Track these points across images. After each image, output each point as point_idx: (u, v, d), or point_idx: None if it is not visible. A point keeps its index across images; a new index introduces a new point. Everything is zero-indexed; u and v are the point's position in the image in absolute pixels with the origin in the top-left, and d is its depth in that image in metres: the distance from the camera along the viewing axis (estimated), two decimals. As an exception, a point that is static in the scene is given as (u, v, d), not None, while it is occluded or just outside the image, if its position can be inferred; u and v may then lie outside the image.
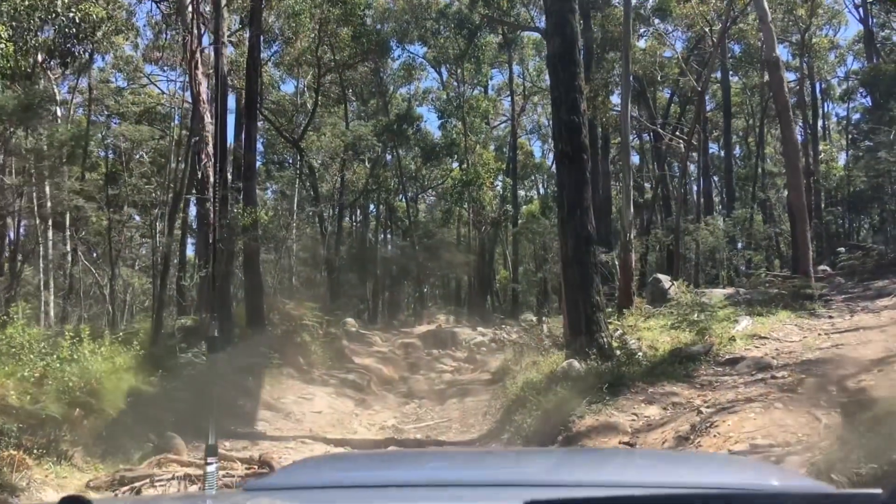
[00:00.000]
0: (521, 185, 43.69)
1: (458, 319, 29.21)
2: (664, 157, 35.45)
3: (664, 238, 31.09)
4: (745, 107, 41.68)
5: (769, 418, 6.37)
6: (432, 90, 39.37)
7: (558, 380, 9.44)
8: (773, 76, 16.36)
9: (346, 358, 17.37)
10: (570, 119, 10.61)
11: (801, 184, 16.13)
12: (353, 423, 11.05)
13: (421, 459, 2.62)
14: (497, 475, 1.97)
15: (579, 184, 10.59)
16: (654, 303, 18.13)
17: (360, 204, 36.96)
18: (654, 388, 8.22)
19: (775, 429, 6.03)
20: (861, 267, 21.90)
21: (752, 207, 34.00)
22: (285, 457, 7.73)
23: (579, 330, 10.31)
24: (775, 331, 11.90)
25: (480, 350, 22.08)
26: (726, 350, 9.95)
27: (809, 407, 6.56)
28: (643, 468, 2.15)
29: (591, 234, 10.60)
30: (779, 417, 6.34)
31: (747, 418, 6.48)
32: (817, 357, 8.93)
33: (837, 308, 14.92)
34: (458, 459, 2.56)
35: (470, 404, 12.85)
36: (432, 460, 2.49)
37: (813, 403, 6.70)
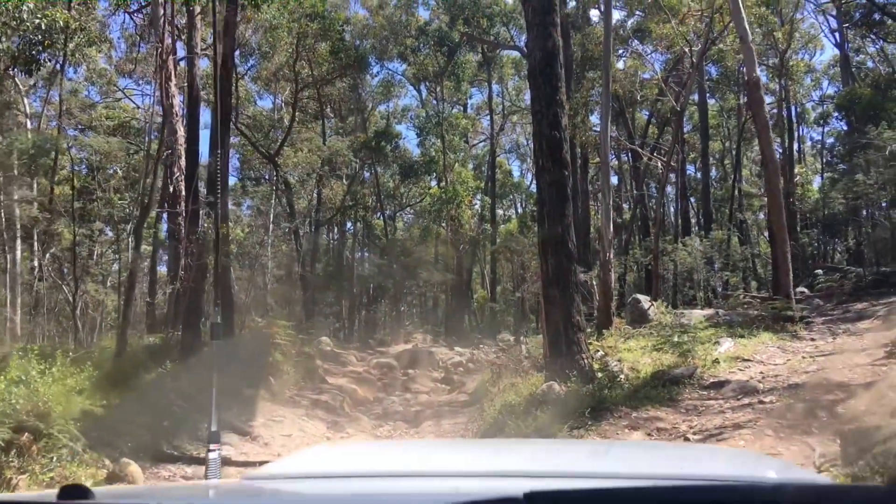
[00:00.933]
0: (499, 205, 43.56)
1: (436, 339, 28.78)
2: (642, 177, 35.50)
3: (642, 258, 31.02)
4: (722, 129, 42.03)
5: (760, 446, 6.07)
6: (411, 108, 39.27)
7: (538, 403, 9.08)
8: (753, 96, 16.28)
9: (319, 378, 16.88)
10: (551, 134, 10.34)
11: (782, 204, 16.01)
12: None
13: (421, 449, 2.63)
14: (498, 465, 1.97)
15: (560, 200, 10.30)
16: (633, 323, 17.91)
17: (338, 221, 36.58)
18: (637, 413, 7.89)
19: (767, 457, 5.72)
20: (839, 289, 21.87)
21: (729, 229, 34.03)
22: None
23: (559, 351, 9.97)
24: (758, 353, 11.67)
25: (458, 370, 21.68)
26: (710, 373, 9.67)
27: (801, 434, 6.27)
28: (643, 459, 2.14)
29: (572, 252, 10.30)
30: (770, 446, 6.04)
31: (737, 445, 6.17)
32: (804, 381, 8.67)
33: (818, 330, 14.76)
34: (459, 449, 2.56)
35: (446, 427, 12.43)
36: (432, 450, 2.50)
37: (804, 430, 6.41)
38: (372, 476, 1.86)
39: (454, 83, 32.62)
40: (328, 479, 1.83)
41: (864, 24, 34.36)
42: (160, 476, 7.57)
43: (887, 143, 23.18)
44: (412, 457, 2.21)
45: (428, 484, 1.69)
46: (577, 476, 1.71)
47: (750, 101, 17.49)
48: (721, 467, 1.97)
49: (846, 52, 35.19)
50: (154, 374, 10.42)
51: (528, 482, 1.40)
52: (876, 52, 37.72)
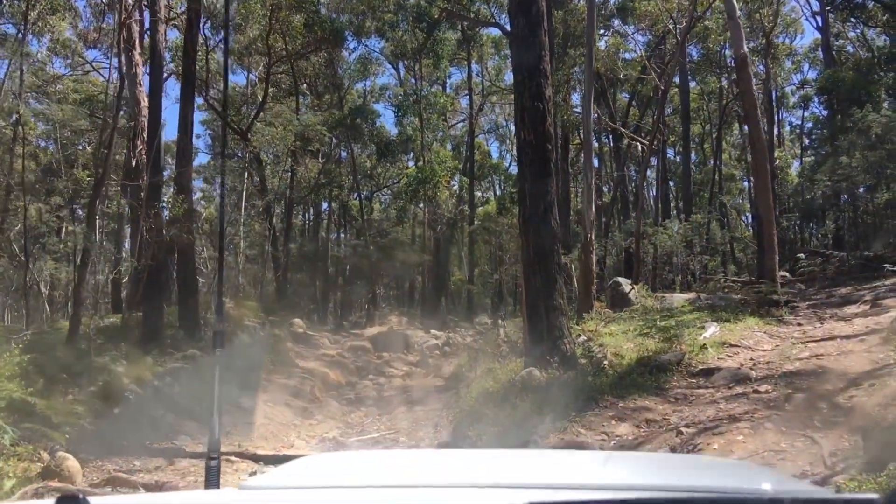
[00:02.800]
0: (478, 187, 42.89)
1: (411, 321, 28.17)
2: (623, 159, 35.05)
3: (622, 241, 30.59)
4: (702, 112, 41.69)
5: (761, 441, 5.55)
6: (389, 87, 38.37)
7: (517, 390, 8.53)
8: (741, 74, 15.73)
9: (289, 361, 16.24)
10: (533, 105, 9.72)
11: (769, 185, 15.55)
12: (290, 434, 9.97)
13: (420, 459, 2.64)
14: (496, 476, 1.95)
15: (543, 176, 9.71)
16: (614, 307, 17.44)
17: (312, 201, 35.73)
18: (624, 402, 7.35)
19: (770, 454, 5.20)
20: (822, 273, 21.58)
21: (709, 212, 33.70)
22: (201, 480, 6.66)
23: (540, 336, 9.42)
24: (745, 338, 11.20)
25: (433, 353, 21.13)
26: (699, 359, 9.16)
27: (803, 427, 5.76)
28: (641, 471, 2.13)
29: (554, 231, 9.73)
30: (772, 440, 5.52)
31: (735, 441, 5.65)
32: (798, 369, 8.18)
33: (804, 315, 14.36)
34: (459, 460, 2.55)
35: (420, 414, 11.87)
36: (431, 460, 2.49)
37: (805, 423, 5.90)
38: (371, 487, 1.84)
39: (433, 61, 31.79)
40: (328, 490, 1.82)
41: (846, 7, 34.01)
42: (104, 470, 6.93)
43: (871, 125, 22.88)
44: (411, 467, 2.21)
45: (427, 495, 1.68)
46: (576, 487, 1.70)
47: (738, 80, 16.97)
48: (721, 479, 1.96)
49: (828, 35, 34.87)
50: (107, 357, 9.72)
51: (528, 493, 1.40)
52: (856, 36, 37.52)
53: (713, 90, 40.27)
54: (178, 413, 9.38)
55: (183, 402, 9.74)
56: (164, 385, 9.94)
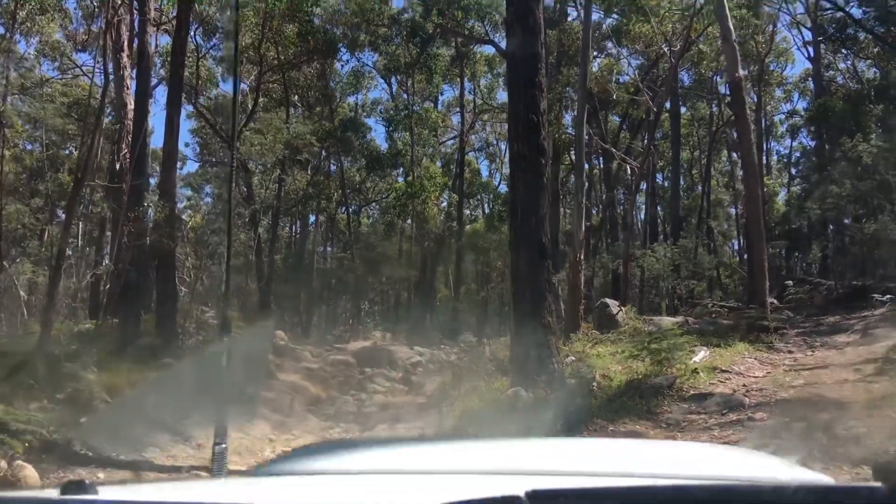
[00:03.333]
0: (466, 205, 42.71)
1: (396, 337, 27.79)
2: (613, 181, 34.99)
3: (610, 263, 30.46)
4: (692, 138, 41.83)
5: (759, 471, 5.29)
6: (381, 101, 38.16)
7: (503, 410, 8.23)
8: (735, 97, 15.67)
9: (269, 374, 15.84)
10: (528, 116, 9.51)
11: (760, 211, 15.42)
12: (265, 450, 9.58)
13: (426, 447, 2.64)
14: (500, 464, 1.95)
15: (535, 189, 9.47)
16: (601, 328, 17.22)
17: (300, 213, 35.40)
18: (614, 426, 7.08)
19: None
20: (809, 301, 21.50)
21: (697, 237, 33.65)
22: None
23: (528, 354, 9.14)
24: (736, 363, 11.00)
25: (417, 370, 20.76)
26: (690, 384, 8.91)
27: (804, 460, 5.48)
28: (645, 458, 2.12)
29: (545, 247, 9.48)
30: (771, 471, 5.26)
31: (732, 470, 5.39)
32: (793, 397, 7.95)
33: (794, 342, 14.20)
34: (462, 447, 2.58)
35: (401, 431, 11.50)
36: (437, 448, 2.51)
37: (807, 454, 5.63)
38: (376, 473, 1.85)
39: (426, 76, 31.65)
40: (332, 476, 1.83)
41: (837, 38, 34.25)
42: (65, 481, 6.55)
43: (862, 155, 22.91)
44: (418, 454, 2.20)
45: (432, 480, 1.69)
46: (578, 474, 1.70)
47: (732, 103, 16.88)
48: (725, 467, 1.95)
49: (819, 65, 35.11)
50: (78, 364, 9.34)
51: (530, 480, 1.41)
52: (847, 68, 37.84)
53: (703, 116, 40.49)
54: (149, 424, 9.00)
55: (155, 412, 9.36)
56: (136, 394, 9.57)
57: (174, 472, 7.27)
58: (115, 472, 7.05)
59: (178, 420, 9.77)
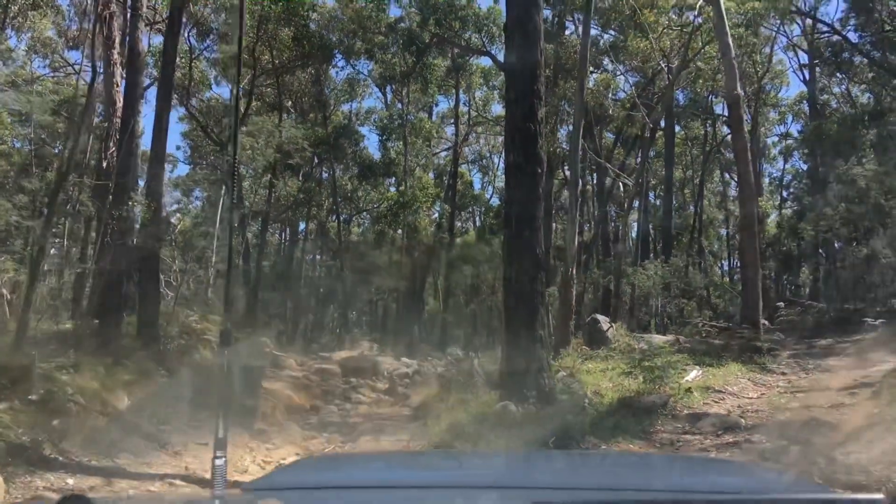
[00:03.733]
0: (458, 217, 42.53)
1: (383, 348, 27.47)
2: (606, 197, 34.89)
3: (601, 279, 30.28)
4: (685, 157, 41.83)
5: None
6: (375, 111, 37.94)
7: (491, 425, 7.97)
8: (733, 113, 15.55)
9: (252, 381, 15.51)
10: (525, 126, 9.29)
11: (756, 230, 15.25)
12: (244, 459, 9.23)
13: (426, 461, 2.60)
14: (503, 477, 1.95)
15: (531, 200, 9.25)
16: (591, 344, 17.02)
17: (289, 220, 35.10)
18: (606, 446, 6.82)
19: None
20: (801, 323, 21.33)
21: (688, 255, 33.57)
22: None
23: (518, 368, 8.88)
24: (729, 384, 10.79)
25: (403, 382, 20.45)
26: (684, 403, 8.68)
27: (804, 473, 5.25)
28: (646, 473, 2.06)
29: (539, 259, 9.24)
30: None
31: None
32: (790, 420, 7.73)
33: (787, 364, 14.02)
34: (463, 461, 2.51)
35: (385, 444, 11.19)
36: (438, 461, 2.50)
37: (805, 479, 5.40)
38: (376, 487, 1.82)
39: (421, 85, 31.46)
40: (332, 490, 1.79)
41: (833, 62, 34.37)
42: (32, 487, 6.24)
43: (856, 178, 22.85)
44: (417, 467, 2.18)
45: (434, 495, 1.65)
46: (582, 489, 1.67)
47: (730, 119, 16.75)
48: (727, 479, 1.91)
49: (814, 88, 35.24)
50: (53, 365, 9.01)
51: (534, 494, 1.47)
52: (841, 92, 37.98)
53: (696, 136, 40.53)
54: (125, 429, 8.67)
55: (131, 417, 9.05)
56: (112, 398, 9.25)
57: (147, 480, 6.96)
58: (86, 478, 6.74)
59: (156, 426, 9.46)
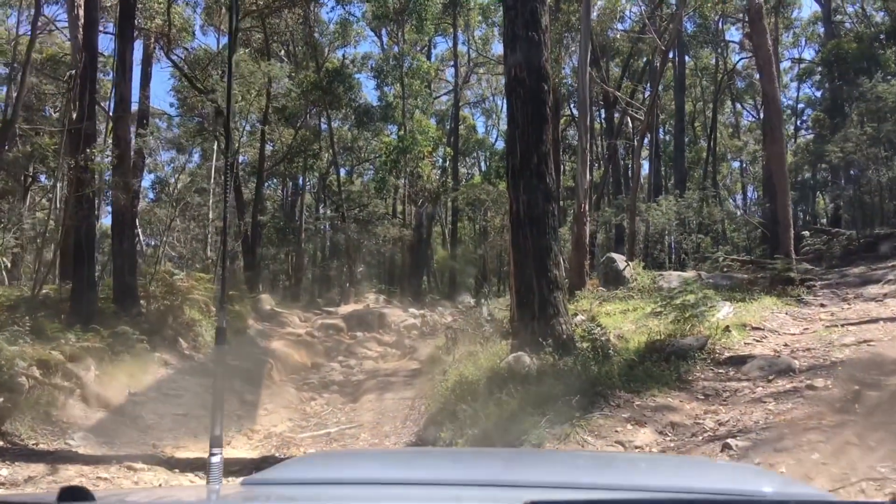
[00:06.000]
0: (462, 163, 41.20)
1: (389, 299, 26.48)
2: (616, 133, 33.45)
3: (613, 217, 29.07)
4: (694, 89, 40.22)
5: (847, 462, 3.93)
6: (372, 55, 36.25)
7: (503, 379, 6.90)
8: (756, 26, 14.11)
9: (247, 340, 14.58)
10: (527, 35, 8.02)
11: (784, 151, 13.97)
12: (230, 429, 8.21)
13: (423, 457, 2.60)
14: (498, 475, 1.93)
15: (537, 121, 8.02)
16: (607, 285, 15.97)
17: (288, 173, 33.86)
18: (640, 400, 5.72)
19: (869, 484, 3.57)
20: (828, 252, 20.12)
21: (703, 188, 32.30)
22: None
23: (531, 313, 7.79)
24: (766, 320, 9.66)
25: (411, 333, 19.54)
26: (723, 345, 7.55)
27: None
28: (642, 472, 2.06)
29: (549, 188, 8.05)
30: (863, 462, 3.91)
31: (811, 461, 4.03)
32: (849, 357, 6.60)
33: (824, 295, 12.86)
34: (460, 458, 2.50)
35: (389, 403, 10.23)
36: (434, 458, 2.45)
37: None
38: (372, 483, 1.81)
39: (417, 23, 29.77)
40: (329, 486, 1.77)
41: (848, -24, 32.57)
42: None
43: (882, 95, 21.41)
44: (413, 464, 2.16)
45: (429, 492, 1.65)
46: (578, 487, 1.68)
47: (752, 32, 15.29)
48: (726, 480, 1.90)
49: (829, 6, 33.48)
50: (6, 334, 7.95)
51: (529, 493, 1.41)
52: (855, 12, 36.28)
53: (706, 66, 38.86)
54: (86, 403, 7.68)
55: (95, 389, 8.04)
56: (76, 368, 8.22)
57: (101, 465, 5.93)
58: (27, 465, 5.71)
59: (127, 398, 8.45)
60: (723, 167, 42.93)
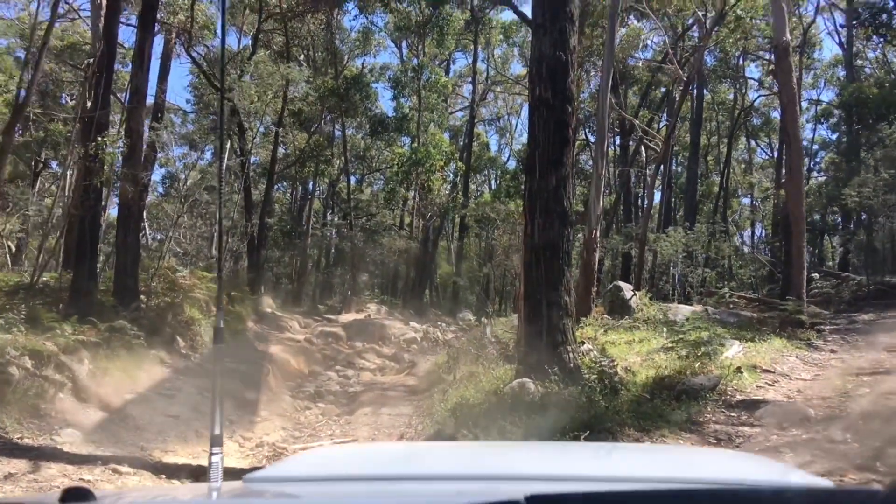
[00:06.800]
0: (473, 180, 41.09)
1: (391, 311, 26.29)
2: (630, 162, 33.31)
3: (622, 245, 28.86)
4: (710, 123, 40.18)
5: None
6: (391, 66, 36.25)
7: (505, 405, 6.69)
8: (782, 64, 13.94)
9: (245, 343, 14.37)
10: (554, 55, 7.86)
11: (802, 189, 13.77)
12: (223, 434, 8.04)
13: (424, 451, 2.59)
14: (498, 468, 1.95)
15: (559, 142, 7.85)
16: (612, 313, 15.72)
17: (299, 177, 33.76)
18: (650, 440, 5.50)
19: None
20: (837, 296, 19.88)
21: (713, 223, 32.14)
22: None
23: (538, 338, 7.58)
24: (777, 362, 9.43)
25: (411, 347, 19.32)
26: (734, 387, 7.33)
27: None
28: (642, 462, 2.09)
29: (567, 212, 7.86)
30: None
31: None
32: (868, 410, 6.37)
33: (834, 341, 12.61)
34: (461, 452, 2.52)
35: (385, 419, 9.99)
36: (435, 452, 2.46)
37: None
38: (374, 479, 1.81)
39: (437, 37, 29.75)
40: (331, 482, 1.78)
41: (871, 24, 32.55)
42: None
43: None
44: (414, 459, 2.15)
45: (430, 487, 1.66)
46: (578, 479, 1.68)
47: (777, 70, 15.14)
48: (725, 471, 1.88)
49: (851, 51, 33.44)
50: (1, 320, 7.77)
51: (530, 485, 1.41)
52: (876, 58, 36.30)
53: (723, 100, 38.85)
54: (77, 398, 7.47)
55: (87, 384, 7.83)
56: (69, 361, 8.02)
57: (85, 465, 5.72)
58: (9, 460, 5.50)
59: (119, 395, 8.24)
60: (733, 203, 42.82)
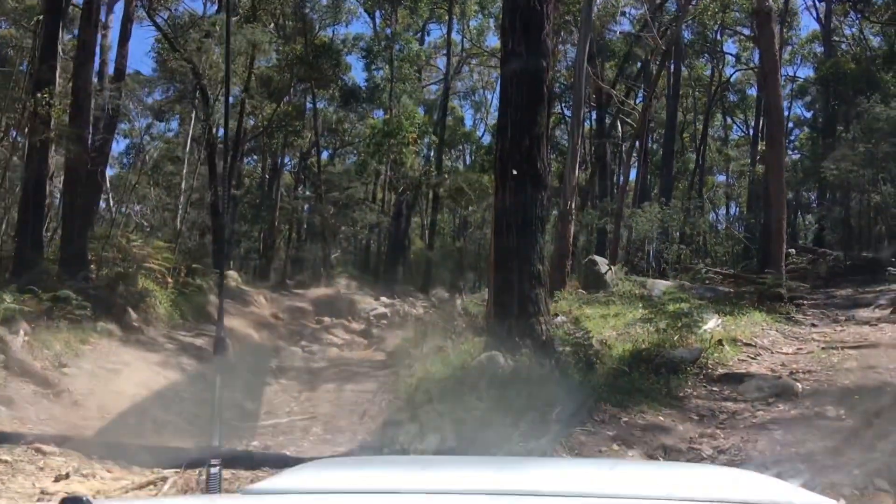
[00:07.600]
0: (448, 155, 40.45)
1: (362, 286, 25.71)
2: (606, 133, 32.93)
3: (596, 220, 28.52)
4: (686, 100, 39.92)
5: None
6: (364, 37, 35.30)
7: (473, 379, 6.20)
8: (763, 31, 13.49)
9: (206, 317, 13.76)
10: (527, 4, 7.29)
11: (783, 161, 13.40)
12: (166, 414, 7.46)
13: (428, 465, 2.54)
14: (502, 483, 1.89)
15: (532, 100, 7.31)
16: (587, 287, 15.36)
17: (268, 149, 32.89)
18: (628, 416, 5.05)
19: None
20: (813, 272, 19.70)
21: (690, 198, 31.88)
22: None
23: (509, 310, 7.08)
24: (757, 336, 9.05)
25: (380, 323, 18.85)
26: (716, 360, 6.91)
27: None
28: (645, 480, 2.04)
29: (541, 175, 7.34)
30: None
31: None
32: (856, 384, 5.98)
33: (813, 315, 12.34)
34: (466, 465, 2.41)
35: (349, 395, 9.51)
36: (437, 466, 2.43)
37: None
38: (375, 492, 1.76)
39: (411, 3, 28.95)
40: (331, 495, 1.75)
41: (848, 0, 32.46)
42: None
43: (879, 117, 21.05)
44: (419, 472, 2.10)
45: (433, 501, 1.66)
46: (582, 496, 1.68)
47: (759, 38, 14.71)
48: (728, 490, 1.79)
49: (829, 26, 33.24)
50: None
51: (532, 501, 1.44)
52: (852, 35, 36.19)
53: (699, 76, 38.57)
54: (8, 370, 6.85)
55: (21, 356, 7.23)
56: (3, 332, 7.41)
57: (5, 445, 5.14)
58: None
59: (57, 369, 7.64)
60: (708, 180, 42.72)
